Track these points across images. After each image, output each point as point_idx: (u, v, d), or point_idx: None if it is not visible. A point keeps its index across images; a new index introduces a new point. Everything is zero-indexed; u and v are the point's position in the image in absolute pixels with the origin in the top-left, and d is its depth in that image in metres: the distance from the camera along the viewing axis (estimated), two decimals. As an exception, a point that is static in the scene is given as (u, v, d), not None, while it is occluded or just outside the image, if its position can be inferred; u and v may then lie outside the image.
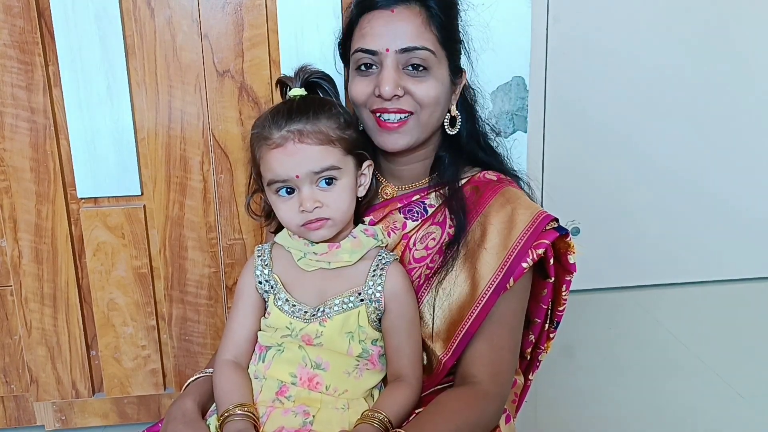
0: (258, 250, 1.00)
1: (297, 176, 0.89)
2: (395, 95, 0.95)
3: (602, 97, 2.15)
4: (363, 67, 0.98)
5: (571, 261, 0.98)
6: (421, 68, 0.96)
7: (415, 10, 0.95)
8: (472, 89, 1.09)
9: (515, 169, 1.10)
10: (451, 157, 1.05)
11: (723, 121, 2.22)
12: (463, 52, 1.04)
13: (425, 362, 1.00)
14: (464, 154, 1.06)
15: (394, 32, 0.94)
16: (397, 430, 0.86)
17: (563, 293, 1.02)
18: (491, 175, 1.04)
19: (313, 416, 0.88)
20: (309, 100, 0.94)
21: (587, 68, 2.12)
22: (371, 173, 0.99)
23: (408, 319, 0.95)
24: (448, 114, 1.03)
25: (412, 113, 0.97)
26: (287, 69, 1.33)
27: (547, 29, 2.07)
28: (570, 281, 1.01)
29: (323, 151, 0.89)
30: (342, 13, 1.32)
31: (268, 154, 0.91)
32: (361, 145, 0.96)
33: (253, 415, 0.89)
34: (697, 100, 2.20)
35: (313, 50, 1.33)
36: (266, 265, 0.98)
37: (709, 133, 2.23)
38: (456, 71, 1.02)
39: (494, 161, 1.08)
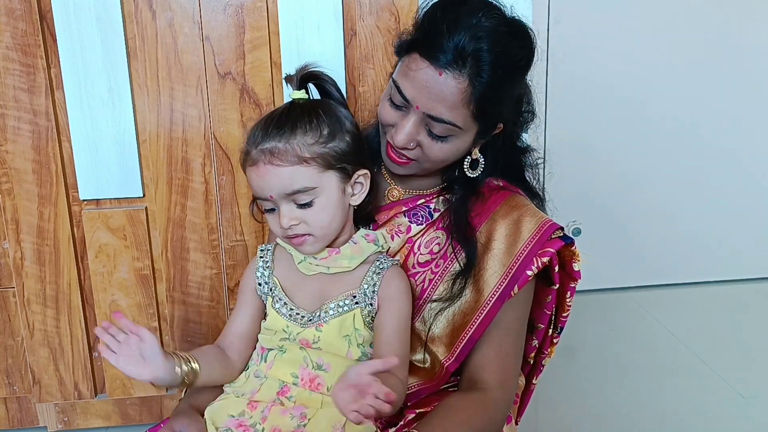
0: (261, 251, 1.00)
1: (270, 196, 0.89)
2: (406, 147, 0.93)
3: (603, 99, 2.15)
4: (395, 100, 0.93)
5: (576, 269, 0.98)
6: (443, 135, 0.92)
7: (463, 84, 0.87)
8: (531, 114, 1.03)
9: (541, 195, 1.08)
10: (464, 194, 1.00)
11: (723, 121, 2.22)
12: (523, 106, 1.00)
13: (428, 365, 1.00)
14: (477, 188, 1.02)
15: (432, 95, 0.88)
16: (408, 430, 0.86)
17: (567, 300, 1.02)
18: (497, 182, 1.04)
19: (309, 419, 0.89)
20: (293, 110, 0.91)
21: (588, 69, 2.12)
22: (368, 182, 0.96)
23: (399, 319, 0.94)
24: (468, 157, 0.99)
25: (415, 161, 0.95)
26: (288, 71, 1.32)
27: (548, 30, 2.07)
28: (574, 288, 1.01)
29: (294, 173, 0.87)
30: (343, 15, 1.32)
31: (247, 171, 0.91)
32: (349, 157, 0.91)
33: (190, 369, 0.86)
34: (698, 102, 2.19)
35: (315, 52, 1.33)
36: (267, 266, 0.98)
37: (710, 134, 2.23)
38: (486, 131, 0.96)
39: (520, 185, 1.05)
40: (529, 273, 0.94)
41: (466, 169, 0.99)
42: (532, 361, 1.12)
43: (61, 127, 1.36)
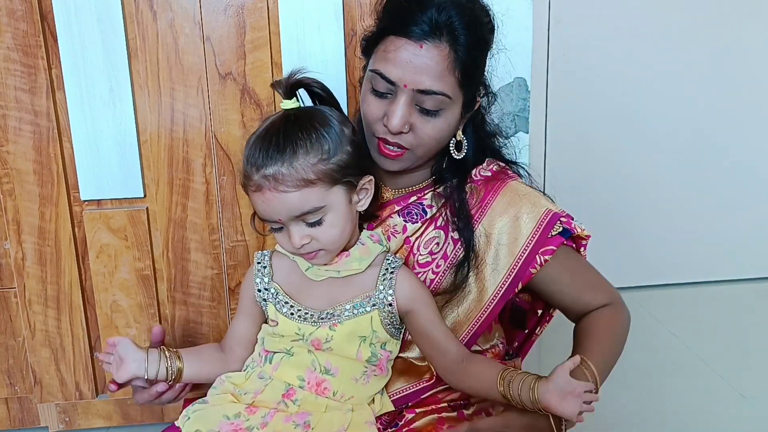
0: (258, 257, 0.99)
1: (279, 219, 0.88)
2: (401, 132, 0.94)
3: (604, 98, 2.15)
4: (378, 89, 0.94)
5: (585, 234, 1.02)
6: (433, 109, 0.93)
7: (444, 51, 0.90)
8: (490, 92, 1.05)
9: (518, 162, 1.09)
10: (457, 177, 1.02)
11: (724, 121, 2.22)
12: (482, 86, 1.02)
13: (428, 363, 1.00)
14: (469, 171, 1.04)
15: (417, 69, 0.90)
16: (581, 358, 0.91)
17: (582, 252, 1.06)
18: (486, 171, 1.04)
19: (312, 428, 0.89)
20: (290, 126, 0.89)
21: (589, 69, 2.12)
22: (373, 186, 0.95)
23: (433, 318, 0.95)
24: (453, 139, 1.00)
25: (409, 150, 0.96)
26: (289, 71, 1.33)
27: (548, 30, 2.07)
28: (586, 245, 1.05)
29: (301, 196, 0.86)
30: (344, 16, 1.32)
31: (251, 195, 0.90)
32: (352, 168, 0.91)
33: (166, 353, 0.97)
34: (698, 102, 2.19)
35: (315, 52, 1.33)
36: (266, 273, 0.97)
37: (710, 133, 2.23)
38: (470, 104, 0.98)
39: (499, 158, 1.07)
40: (533, 270, 0.95)
41: (452, 151, 1.01)
42: (539, 314, 1.14)
43: (62, 127, 1.36)
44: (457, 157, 1.01)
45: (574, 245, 1.03)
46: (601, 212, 2.24)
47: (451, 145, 1.00)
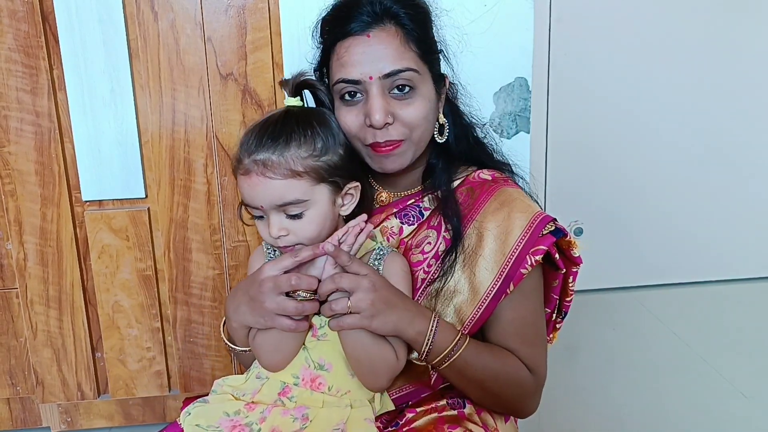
0: (266, 244, 1.00)
1: (261, 207, 0.89)
2: (386, 123, 0.93)
3: (605, 98, 2.16)
4: (348, 96, 0.94)
5: (576, 254, 0.99)
6: (407, 89, 0.93)
7: (392, 30, 0.92)
8: (453, 84, 1.07)
9: (507, 161, 1.09)
10: (444, 163, 1.03)
11: (725, 121, 2.23)
12: (442, 57, 1.02)
13: (424, 364, 1.00)
14: (456, 157, 1.04)
15: (375, 57, 0.91)
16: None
17: (570, 284, 1.03)
18: (486, 175, 1.04)
19: (311, 420, 0.89)
20: (288, 120, 0.91)
21: (590, 69, 2.12)
22: (358, 193, 0.96)
23: None
24: (436, 123, 1.01)
25: (403, 140, 0.95)
26: (290, 72, 1.33)
27: (549, 30, 2.07)
28: (576, 272, 1.02)
29: (286, 185, 0.87)
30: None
31: (238, 179, 0.91)
32: (341, 170, 0.92)
33: None
34: (700, 102, 2.20)
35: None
36: (276, 253, 0.98)
37: (711, 133, 2.23)
38: (439, 80, 0.99)
39: (484, 156, 1.07)
40: (524, 271, 0.94)
41: (436, 136, 1.01)
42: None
43: (63, 128, 1.37)
44: (441, 141, 1.01)
45: (564, 269, 1.01)
46: (602, 212, 2.25)
47: (435, 130, 1.01)
